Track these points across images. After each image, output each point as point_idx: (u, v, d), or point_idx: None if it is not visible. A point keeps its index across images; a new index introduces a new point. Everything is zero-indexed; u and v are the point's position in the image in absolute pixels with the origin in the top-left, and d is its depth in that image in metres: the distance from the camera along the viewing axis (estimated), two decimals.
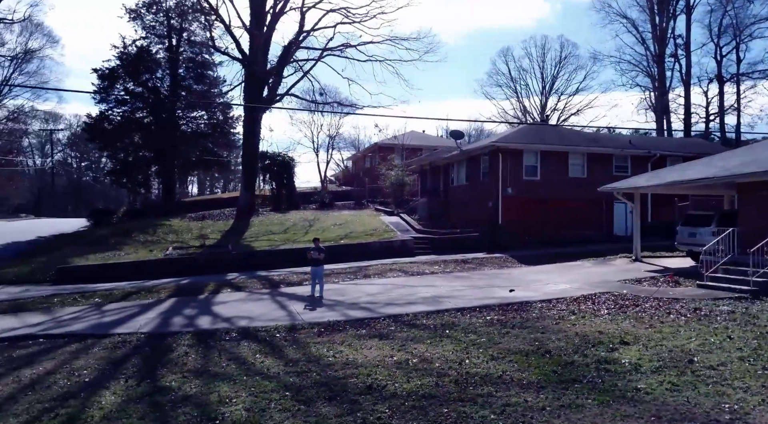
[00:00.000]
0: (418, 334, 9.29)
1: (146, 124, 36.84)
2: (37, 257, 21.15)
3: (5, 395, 7.22)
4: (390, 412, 6.04)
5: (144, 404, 6.59)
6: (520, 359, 7.63)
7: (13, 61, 60.81)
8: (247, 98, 27.64)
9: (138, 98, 37.19)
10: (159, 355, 8.78)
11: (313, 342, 9.09)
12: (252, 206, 27.97)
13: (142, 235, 23.44)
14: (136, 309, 12.46)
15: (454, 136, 28.04)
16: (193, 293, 14.22)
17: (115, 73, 36.67)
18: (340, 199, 34.94)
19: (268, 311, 11.60)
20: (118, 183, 38.00)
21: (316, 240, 13.74)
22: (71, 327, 10.85)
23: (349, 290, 13.69)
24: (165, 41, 38.31)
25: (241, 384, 7.13)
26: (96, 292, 14.77)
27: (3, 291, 15.75)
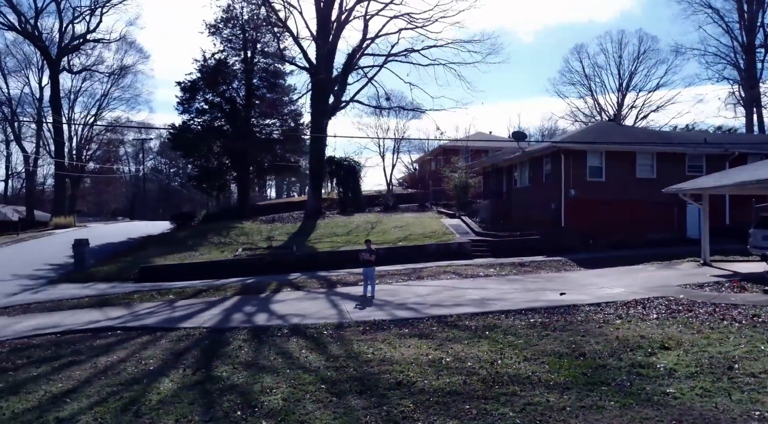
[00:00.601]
0: (458, 334, 9.52)
1: (224, 132, 39.05)
2: (125, 257, 23.18)
3: (82, 378, 8.18)
4: (414, 406, 6.36)
5: (195, 391, 7.28)
6: (552, 361, 7.69)
7: (111, 76, 66.51)
8: (313, 106, 28.78)
9: (216, 108, 39.55)
10: (216, 348, 9.55)
11: (356, 339, 9.54)
12: (318, 209, 29.02)
13: (217, 237, 25.05)
14: (203, 306, 13.48)
15: (516, 138, 27.71)
16: (256, 291, 15.13)
17: (196, 86, 39.21)
18: (405, 202, 35.42)
19: (321, 310, 12.19)
20: (199, 188, 40.53)
21: (368, 242, 14.24)
22: (145, 321, 11.94)
23: (401, 291, 14.06)
24: (240, 53, 40.50)
25: (283, 376, 7.70)
26: (171, 289, 16.05)
27: (93, 287, 17.47)
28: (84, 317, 12.91)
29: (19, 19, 55.04)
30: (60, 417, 6.58)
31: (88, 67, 63.63)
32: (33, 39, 55.64)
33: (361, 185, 34.68)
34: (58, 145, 56.09)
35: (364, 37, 29.53)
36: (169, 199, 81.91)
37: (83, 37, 59.11)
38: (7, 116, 61.80)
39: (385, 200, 33.96)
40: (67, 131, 64.60)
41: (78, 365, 8.91)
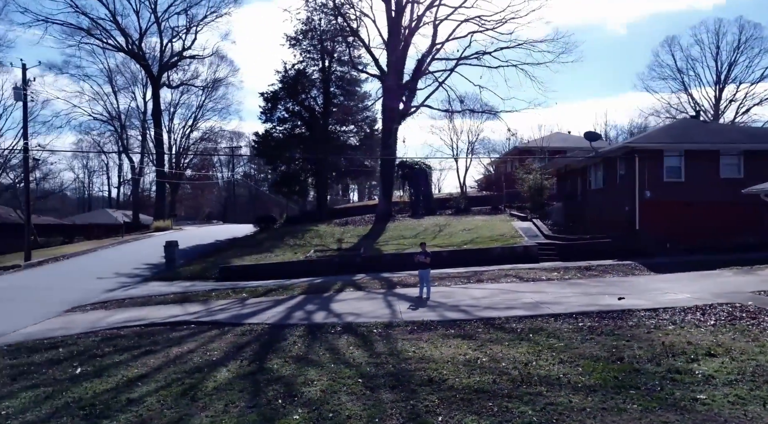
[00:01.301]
0: (501, 336, 9.66)
1: (303, 138, 40.85)
2: (209, 258, 25.04)
3: (155, 366, 9.20)
4: (438, 402, 6.70)
5: (246, 381, 8.02)
6: (587, 364, 7.71)
7: (204, 89, 71.42)
8: (384, 112, 29.49)
9: (296, 116, 41.45)
10: (273, 342, 10.32)
11: (401, 338, 9.96)
12: (388, 212, 29.66)
13: (293, 239, 26.38)
14: (270, 304, 14.45)
15: (589, 138, 26.80)
16: (321, 291, 15.93)
17: (277, 96, 41.31)
18: (477, 205, 35.26)
19: (376, 309, 12.71)
20: (280, 193, 42.62)
21: (423, 245, 14.60)
22: (216, 317, 13.04)
23: (457, 293, 14.27)
24: (318, 62, 42.18)
25: (326, 370, 8.27)
26: (245, 288, 17.25)
27: (178, 285, 19.11)
28: (166, 311, 14.27)
29: (126, 41, 60.50)
30: (130, 398, 7.53)
31: (185, 81, 68.68)
32: (138, 58, 60.90)
33: (432, 188, 34.98)
34: (158, 155, 61.03)
35: (434, 43, 29.87)
36: (258, 203, 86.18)
37: (180, 54, 63.87)
38: (117, 130, 68.05)
39: (457, 203, 34.03)
40: (167, 141, 70.21)
41: (153, 353, 9.99)
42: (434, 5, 29.64)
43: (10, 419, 7.11)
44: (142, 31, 60.55)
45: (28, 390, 8.26)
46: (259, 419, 6.49)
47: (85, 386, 8.26)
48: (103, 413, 7.02)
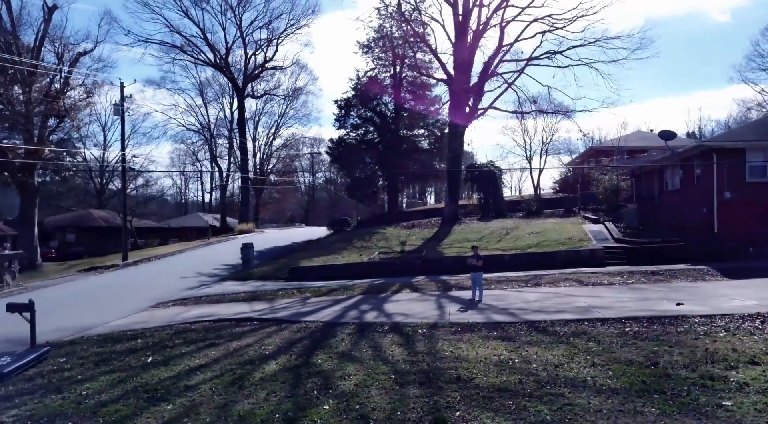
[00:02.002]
0: (541, 339, 9.71)
1: (375, 144, 41.86)
2: (282, 259, 26.38)
3: (214, 357, 10.10)
4: (460, 398, 6.99)
5: (290, 373, 8.67)
6: (618, 368, 7.68)
7: (285, 98, 74.76)
8: (450, 115, 29.64)
9: (368, 122, 42.58)
10: (323, 339, 10.94)
11: (443, 339, 10.25)
12: (455, 215, 29.74)
13: (360, 241, 27.19)
14: (329, 303, 15.17)
15: (664, 137, 25.44)
16: (378, 292, 16.46)
17: (350, 103, 42.64)
18: (550, 207, 34.44)
19: (426, 311, 13.04)
20: (352, 196, 43.87)
21: (475, 248, 14.75)
22: (277, 314, 13.91)
23: (510, 297, 14.28)
24: (390, 69, 43.05)
25: (365, 366, 8.75)
26: (309, 288, 18.14)
27: (250, 284, 20.39)
28: (235, 309, 15.38)
29: (215, 55, 64.54)
30: (188, 385, 8.40)
31: (268, 91, 72.23)
32: (224, 71, 64.74)
33: (502, 190, 34.60)
34: (243, 162, 64.54)
35: (500, 45, 29.61)
36: (338, 206, 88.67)
37: (263, 66, 67.18)
38: (207, 139, 72.72)
39: (528, 205, 33.43)
40: (251, 148, 74.13)
41: (215, 346, 10.93)
42: (501, 7, 29.44)
43: (87, 398, 8.18)
44: (227, 46, 64.28)
45: (105, 374, 9.40)
46: (293, 408, 7.07)
47: (152, 372, 9.27)
48: (163, 397, 7.90)
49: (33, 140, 34.09)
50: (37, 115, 34.85)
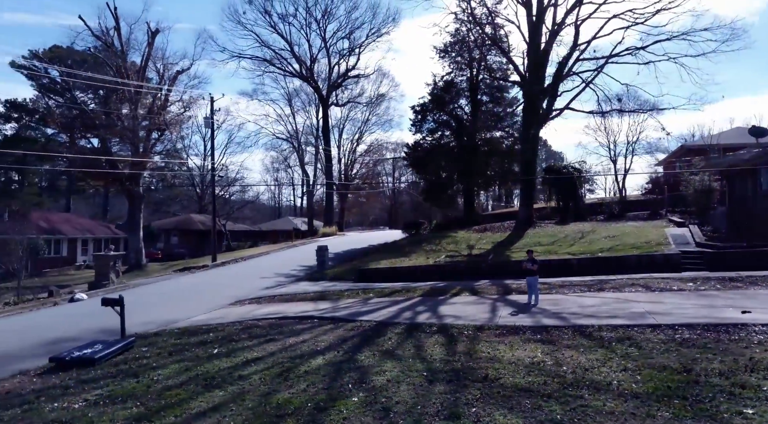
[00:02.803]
0: (582, 343, 9.67)
1: (451, 147, 41.89)
2: (355, 261, 27.33)
3: (270, 351, 10.97)
4: (480, 395, 7.28)
5: (332, 368, 9.31)
6: (648, 373, 7.62)
7: (368, 105, 76.70)
8: (524, 117, 29.23)
9: (444, 126, 42.69)
10: (372, 337, 11.51)
11: (485, 340, 10.47)
12: (529, 219, 29.23)
13: (430, 244, 27.54)
14: (387, 304, 15.73)
15: (755, 134, 23.44)
16: (438, 294, 16.78)
17: (426, 108, 42.98)
18: (635, 209, 32.84)
19: (477, 313, 13.22)
20: (428, 200, 44.09)
21: (530, 252, 14.69)
22: (337, 313, 14.66)
23: (567, 301, 14.08)
24: (466, 72, 42.97)
25: (402, 363, 9.21)
26: (373, 289, 18.81)
27: (321, 285, 21.41)
28: (301, 307, 16.35)
29: (300, 67, 67.72)
30: (241, 374, 9.29)
31: (351, 99, 74.56)
32: (309, 82, 67.76)
33: (581, 193, 33.45)
34: (327, 169, 67.03)
35: (575, 44, 28.77)
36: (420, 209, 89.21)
37: (346, 75, 69.55)
38: (295, 147, 76.19)
39: (610, 208, 32.08)
40: (336, 154, 76.71)
41: (274, 341, 11.84)
42: (577, 5, 28.61)
43: (156, 383, 9.28)
44: (312, 57, 67.17)
45: (176, 363, 10.55)
46: (325, 398, 7.69)
47: (214, 362, 10.29)
48: (218, 385, 8.82)
49: (138, 152, 37.73)
50: (142, 130, 38.52)
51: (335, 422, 6.81)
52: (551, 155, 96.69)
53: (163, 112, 37.57)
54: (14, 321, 18.48)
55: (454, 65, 43.63)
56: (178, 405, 8.00)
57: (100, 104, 39.18)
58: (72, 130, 39.33)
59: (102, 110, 37.39)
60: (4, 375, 11.05)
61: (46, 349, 12.80)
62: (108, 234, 53.22)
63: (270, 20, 64.11)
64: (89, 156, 35.43)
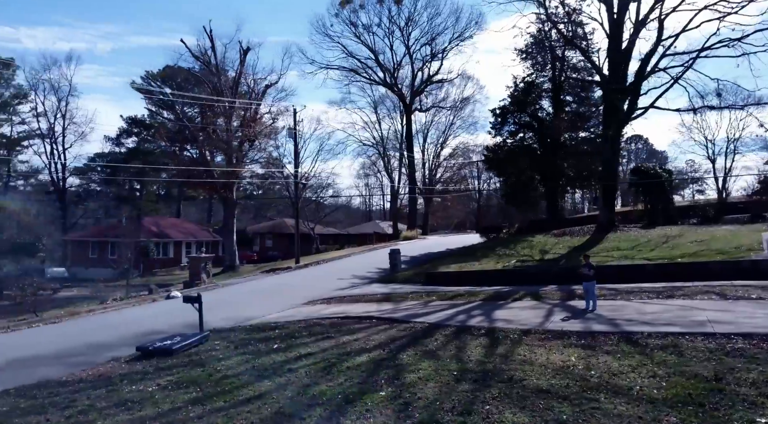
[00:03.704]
0: (622, 349, 9.54)
1: (532, 149, 41.09)
2: (427, 264, 27.75)
3: (323, 348, 11.75)
4: (497, 394, 7.57)
5: (373, 364, 9.90)
6: (675, 381, 7.55)
7: (452, 109, 76.74)
8: (604, 117, 28.15)
9: (525, 127, 41.99)
10: (420, 338, 11.95)
11: (526, 344, 10.57)
12: (610, 223, 28.08)
13: (504, 248, 27.30)
14: (446, 307, 16.03)
15: None
16: (499, 299, 16.81)
17: (507, 110, 42.51)
18: (734, 212, 30.47)
19: (530, 318, 13.21)
20: (510, 203, 43.47)
21: (586, 257, 14.42)
22: (395, 314, 15.21)
23: (628, 308, 13.66)
24: (548, 72, 42.01)
25: (438, 363, 9.60)
26: (437, 292, 19.15)
27: (389, 287, 22.00)
28: (365, 308, 17.08)
29: (384, 75, 69.41)
30: (290, 368, 10.14)
31: (435, 103, 75.09)
32: (393, 89, 69.23)
33: (671, 195, 31.53)
34: (410, 174, 68.01)
35: (659, 39, 27.23)
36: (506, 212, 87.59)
37: (429, 80, 70.25)
38: (380, 153, 77.94)
39: (704, 211, 29.99)
40: (421, 158, 77.52)
41: (329, 339, 12.63)
42: None
43: (218, 373, 10.36)
44: (395, 65, 68.59)
45: (239, 356, 11.64)
46: (356, 391, 8.30)
47: (271, 356, 11.24)
48: (268, 376, 9.71)
49: (232, 162, 40.67)
50: (235, 141, 41.43)
51: (357, 412, 7.38)
52: (652, 154, 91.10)
53: (253, 125, 40.21)
54: (116, 315, 20.86)
55: (535, 66, 42.86)
56: (230, 392, 8.95)
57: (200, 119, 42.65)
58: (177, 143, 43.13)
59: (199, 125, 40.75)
60: (101, 361, 12.75)
61: (138, 340, 14.47)
62: (208, 238, 57.53)
63: (355, 31, 66.34)
64: (188, 167, 38.78)
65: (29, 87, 68.08)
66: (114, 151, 73.80)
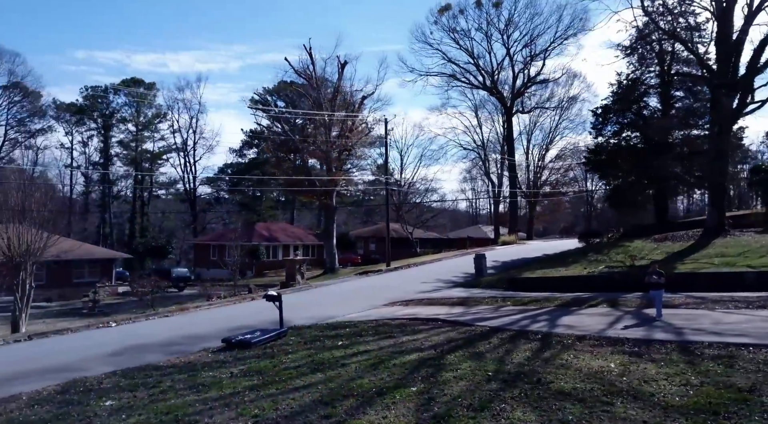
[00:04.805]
0: (670, 358, 9.29)
1: (637, 149, 38.70)
2: (513, 270, 27.37)
3: (381, 346, 12.41)
4: (517, 394, 7.85)
5: (418, 362, 10.41)
6: (707, 390, 7.44)
7: (557, 109, 74.07)
8: (711, 112, 26.03)
9: (630, 127, 39.68)
10: (474, 340, 12.24)
11: (574, 349, 10.55)
12: (719, 226, 25.85)
13: (596, 255, 26.21)
14: (515, 312, 16.03)
15: None
16: (573, 305, 16.45)
17: (609, 109, 40.51)
18: None
19: (594, 325, 12.93)
20: (613, 207, 41.23)
21: (654, 264, 13.78)
22: (461, 318, 15.51)
23: (704, 317, 12.90)
24: (654, 67, 39.41)
25: (479, 364, 9.93)
26: (514, 297, 19.06)
27: (469, 291, 22.13)
28: (436, 310, 17.51)
29: (484, 78, 68.85)
30: (343, 363, 10.94)
31: (539, 104, 72.89)
32: (493, 92, 68.42)
33: None
34: (511, 178, 66.71)
35: None
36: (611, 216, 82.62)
37: (530, 81, 68.48)
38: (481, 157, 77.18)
39: None
40: (524, 161, 75.69)
41: (390, 338, 13.29)
42: None
43: (282, 364, 11.43)
44: (493, 68, 67.73)
45: (305, 350, 12.68)
46: (391, 386, 8.90)
47: (332, 352, 12.14)
48: (322, 369, 10.59)
49: (331, 171, 42.85)
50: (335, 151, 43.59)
51: (384, 404, 7.99)
52: None
53: (350, 135, 42.07)
54: (217, 311, 23.08)
55: (641, 62, 40.38)
56: (284, 381, 9.93)
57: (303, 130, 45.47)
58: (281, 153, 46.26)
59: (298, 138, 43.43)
60: (194, 350, 14.42)
61: (228, 333, 16.09)
62: (314, 241, 60.74)
63: (454, 37, 66.50)
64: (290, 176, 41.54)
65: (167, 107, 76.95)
66: (238, 162, 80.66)
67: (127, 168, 79.41)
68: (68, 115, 76.32)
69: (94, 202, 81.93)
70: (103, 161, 77.46)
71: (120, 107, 78.20)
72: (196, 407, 8.71)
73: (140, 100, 76.40)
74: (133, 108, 78.42)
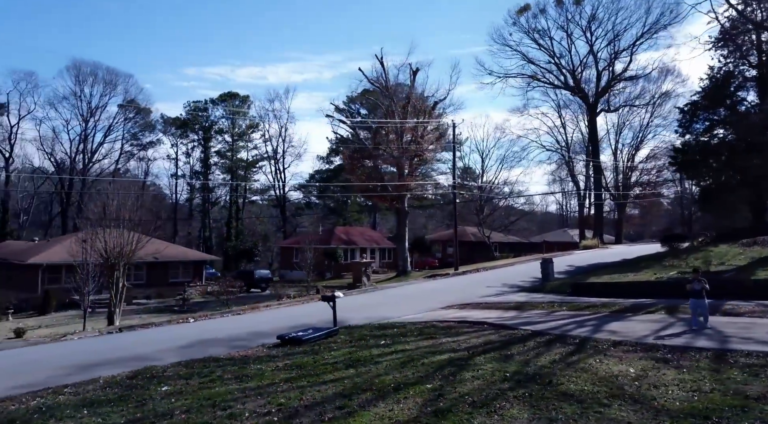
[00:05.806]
0: (699, 365, 9.11)
1: (730, 147, 35.97)
2: (581, 275, 26.57)
3: (418, 346, 12.83)
4: (522, 394, 8.09)
5: (445, 362, 10.77)
6: (713, 396, 7.39)
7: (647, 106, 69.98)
8: None
9: (721, 124, 36.98)
10: (512, 343, 12.35)
11: (606, 354, 10.48)
12: None
13: (672, 260, 24.83)
14: (566, 317, 15.79)
15: None
16: (629, 311, 15.90)
17: (697, 105, 38.03)
18: None
19: (639, 331, 12.59)
20: (703, 209, 38.55)
21: (696, 272, 13.11)
22: (508, 321, 15.52)
23: (760, 327, 12.25)
24: (749, 58, 36.51)
25: (502, 365, 10.16)
26: (571, 303, 18.66)
27: (531, 296, 21.81)
28: (488, 314, 17.60)
29: (566, 78, 66.72)
30: (377, 360, 11.52)
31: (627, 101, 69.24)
32: (575, 91, 66.11)
33: None
34: (596, 180, 63.90)
35: None
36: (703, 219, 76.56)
37: (616, 79, 65.39)
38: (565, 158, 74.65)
39: None
40: (612, 162, 72.22)
41: (430, 339, 13.68)
42: None
43: (322, 360, 12.17)
44: (574, 66, 65.44)
45: (348, 348, 13.35)
46: (410, 382, 9.37)
47: (371, 350, 12.75)
48: (355, 366, 11.22)
49: (403, 176, 43.55)
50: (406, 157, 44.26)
51: (395, 398, 8.49)
52: None
53: (421, 141, 42.57)
54: (284, 311, 24.43)
55: (733, 54, 37.57)
56: (317, 375, 10.67)
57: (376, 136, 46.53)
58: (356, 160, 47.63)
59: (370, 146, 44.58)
60: (253, 345, 15.56)
61: (287, 330, 17.18)
62: (389, 245, 61.70)
63: (534, 37, 65.10)
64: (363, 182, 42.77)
65: (259, 117, 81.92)
66: (326, 168, 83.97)
67: (225, 176, 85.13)
68: (174, 128, 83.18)
69: (196, 209, 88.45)
70: (203, 170, 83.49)
71: (218, 120, 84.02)
72: (235, 394, 9.64)
73: (236, 112, 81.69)
74: (228, 120, 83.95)
